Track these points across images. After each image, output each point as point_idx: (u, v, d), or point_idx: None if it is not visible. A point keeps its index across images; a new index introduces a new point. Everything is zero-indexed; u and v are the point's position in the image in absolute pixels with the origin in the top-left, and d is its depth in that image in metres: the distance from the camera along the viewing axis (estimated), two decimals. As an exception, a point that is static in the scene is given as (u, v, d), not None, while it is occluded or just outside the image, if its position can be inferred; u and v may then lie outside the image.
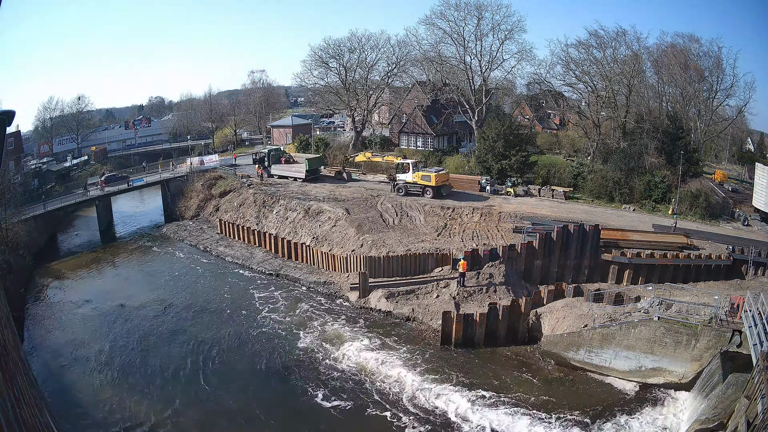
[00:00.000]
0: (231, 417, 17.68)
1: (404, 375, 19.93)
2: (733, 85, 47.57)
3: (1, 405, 2.17)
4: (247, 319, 25.13)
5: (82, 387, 19.47)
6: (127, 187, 43.70)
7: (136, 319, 25.00)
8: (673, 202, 33.76)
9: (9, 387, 2.48)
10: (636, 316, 20.33)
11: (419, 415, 17.64)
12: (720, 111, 50.80)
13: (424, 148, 50.63)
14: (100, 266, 33.75)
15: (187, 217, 42.33)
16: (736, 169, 55.79)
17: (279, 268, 31.10)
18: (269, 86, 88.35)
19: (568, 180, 38.97)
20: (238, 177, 44.68)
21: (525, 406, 18.00)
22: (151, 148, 71.31)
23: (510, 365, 20.99)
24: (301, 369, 20.70)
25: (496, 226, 31.26)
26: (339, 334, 23.39)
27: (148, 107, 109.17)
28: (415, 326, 24.27)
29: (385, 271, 27.43)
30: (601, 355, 20.20)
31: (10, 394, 2.45)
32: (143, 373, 20.33)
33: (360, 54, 54.08)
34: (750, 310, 16.53)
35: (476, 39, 46.77)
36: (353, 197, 37.26)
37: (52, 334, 23.83)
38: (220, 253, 34.28)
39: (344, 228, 31.97)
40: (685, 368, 18.79)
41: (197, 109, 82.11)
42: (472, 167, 42.30)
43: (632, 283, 26.17)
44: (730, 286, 25.52)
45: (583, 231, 27.08)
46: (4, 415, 2.14)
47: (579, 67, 46.07)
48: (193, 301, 27.15)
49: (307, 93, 71.59)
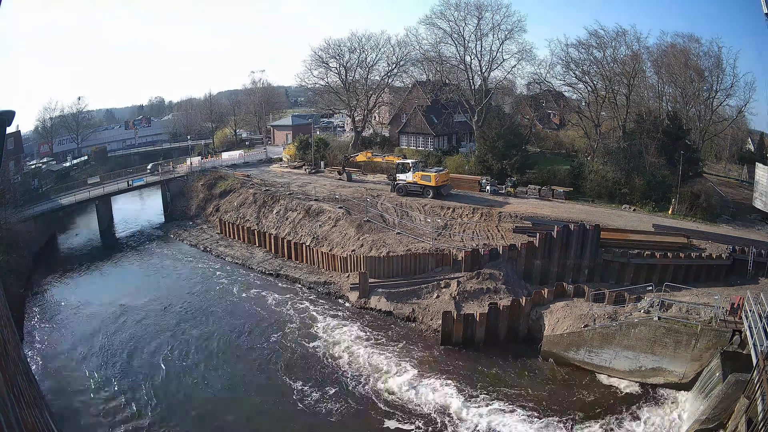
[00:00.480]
0: (231, 416, 17.67)
1: (404, 375, 19.93)
2: (733, 84, 47.52)
3: (1, 404, 2.17)
4: (247, 319, 25.12)
5: (82, 386, 19.46)
6: (127, 186, 43.72)
7: (136, 319, 25.00)
8: (673, 203, 33.77)
9: (9, 387, 2.48)
10: (636, 316, 20.32)
11: (419, 414, 17.63)
12: (720, 111, 50.74)
13: (424, 148, 50.63)
14: (100, 266, 33.75)
15: (187, 217, 42.35)
16: (735, 170, 55.74)
17: (279, 268, 31.10)
18: (269, 86, 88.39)
19: (568, 180, 38.94)
20: (238, 177, 44.70)
21: (525, 406, 17.99)
22: (151, 148, 71.36)
23: (510, 365, 20.98)
24: (301, 368, 20.69)
25: (497, 226, 31.26)
26: (339, 334, 23.39)
27: (148, 107, 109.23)
28: (415, 326, 24.27)
29: (385, 271, 27.42)
30: (601, 355, 20.20)
31: (10, 393, 2.45)
32: (143, 373, 20.32)
33: (360, 54, 54.10)
34: (750, 310, 16.54)
35: (476, 39, 46.82)
36: (353, 197, 37.27)
37: (52, 334, 23.84)
38: (220, 253, 34.29)
39: (344, 228, 31.98)
40: (685, 368, 18.79)
41: (197, 109, 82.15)
42: (472, 167, 42.30)
43: (632, 283, 26.13)
44: (730, 286, 25.51)
45: (584, 231, 27.07)
46: (4, 414, 2.14)
47: (579, 67, 46.06)
48: (192, 301, 27.15)
49: (307, 93, 71.65)
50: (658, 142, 39.75)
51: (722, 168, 56.27)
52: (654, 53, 48.79)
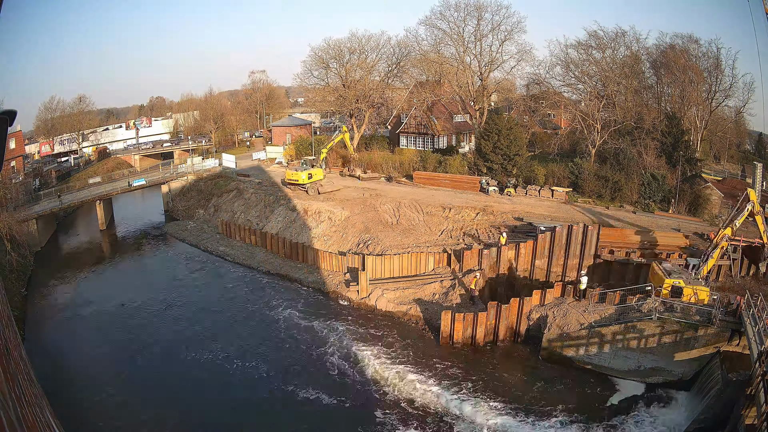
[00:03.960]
0: (231, 416, 17.71)
1: (404, 374, 19.96)
2: (732, 85, 47.58)
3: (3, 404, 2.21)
4: (246, 318, 25.17)
5: (84, 386, 19.54)
6: (127, 186, 43.79)
7: (137, 319, 25.06)
8: (673, 203, 33.77)
9: (11, 386, 2.52)
10: (636, 315, 20.35)
11: (419, 414, 17.67)
12: (719, 112, 50.77)
13: (424, 148, 50.64)
14: (100, 266, 33.81)
15: (188, 217, 42.40)
16: (735, 170, 55.73)
17: (279, 267, 31.14)
18: (269, 86, 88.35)
19: (568, 180, 38.97)
20: (239, 177, 44.75)
21: (525, 406, 18.03)
22: (152, 149, 71.36)
23: (510, 365, 21.02)
24: (301, 368, 20.72)
25: (497, 227, 31.28)
26: (339, 333, 23.41)
27: (148, 107, 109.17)
28: (415, 325, 24.30)
29: (385, 270, 27.47)
30: (600, 355, 20.25)
31: (11, 393, 2.48)
32: (143, 372, 20.39)
33: (360, 54, 54.06)
34: (749, 310, 16.57)
35: (476, 39, 46.82)
36: (353, 197, 37.28)
37: (54, 333, 23.91)
38: (220, 252, 34.33)
39: (344, 227, 32.01)
40: (685, 368, 18.84)
41: (198, 109, 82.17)
42: (471, 167, 42.31)
43: (632, 283, 26.17)
44: (730, 285, 25.51)
45: (584, 231, 27.09)
46: (5, 414, 2.18)
47: (578, 67, 46.09)
48: (193, 301, 27.20)
49: (307, 93, 71.55)
50: (657, 143, 39.77)
51: (721, 168, 56.28)
52: (653, 54, 48.89)
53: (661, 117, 43.64)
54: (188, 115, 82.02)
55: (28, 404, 2.68)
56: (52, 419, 3.22)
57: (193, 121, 79.92)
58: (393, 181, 41.73)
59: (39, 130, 66.76)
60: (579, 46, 45.84)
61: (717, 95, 47.59)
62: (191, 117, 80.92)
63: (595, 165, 40.43)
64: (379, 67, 55.16)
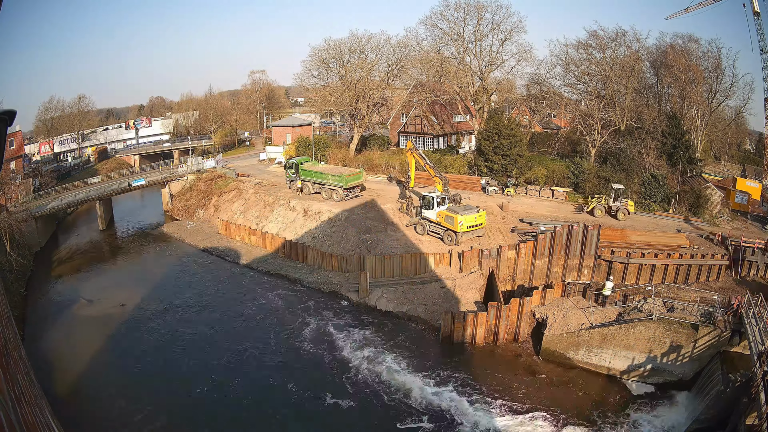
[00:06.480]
0: (230, 415, 17.69)
1: (404, 374, 19.96)
2: (733, 85, 47.61)
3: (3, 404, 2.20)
4: (246, 318, 25.16)
5: (83, 386, 19.53)
6: (127, 186, 43.76)
7: (137, 319, 25.03)
8: (673, 202, 33.75)
9: (10, 386, 2.51)
10: (636, 316, 20.36)
11: (419, 414, 17.66)
12: (719, 111, 50.79)
13: (423, 148, 50.60)
14: (100, 266, 33.79)
15: (188, 217, 42.37)
16: (735, 170, 55.77)
17: (279, 267, 31.12)
18: (269, 86, 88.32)
19: (569, 180, 38.98)
20: (239, 177, 44.72)
21: (525, 406, 18.02)
22: (152, 148, 71.36)
23: (510, 365, 21.02)
24: (301, 368, 20.71)
25: (499, 228, 31.27)
26: (339, 333, 23.41)
27: (148, 107, 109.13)
28: (415, 325, 24.29)
29: (385, 270, 27.46)
30: (600, 355, 20.24)
31: (11, 393, 2.47)
32: (144, 372, 20.37)
33: (360, 54, 54.03)
34: (749, 310, 16.57)
35: (476, 39, 46.77)
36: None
37: (53, 333, 23.87)
38: (220, 252, 34.32)
39: (344, 228, 32.00)
40: (685, 368, 18.84)
41: (198, 109, 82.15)
42: (472, 167, 42.31)
43: (632, 283, 26.19)
44: (730, 286, 25.53)
45: (584, 231, 27.10)
46: (5, 414, 2.17)
47: (579, 67, 46.06)
48: (193, 301, 27.18)
49: (307, 93, 71.52)
50: (657, 143, 39.78)
51: (721, 168, 56.31)
52: (653, 54, 48.89)
53: (662, 117, 43.63)
54: (188, 115, 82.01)
55: (28, 404, 2.67)
56: (51, 419, 3.21)
57: (193, 120, 79.92)
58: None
59: (39, 130, 66.68)
60: (579, 46, 45.86)
61: (717, 95, 47.60)
62: (191, 117, 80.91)
63: (595, 165, 40.44)
64: (379, 66, 55.11)
